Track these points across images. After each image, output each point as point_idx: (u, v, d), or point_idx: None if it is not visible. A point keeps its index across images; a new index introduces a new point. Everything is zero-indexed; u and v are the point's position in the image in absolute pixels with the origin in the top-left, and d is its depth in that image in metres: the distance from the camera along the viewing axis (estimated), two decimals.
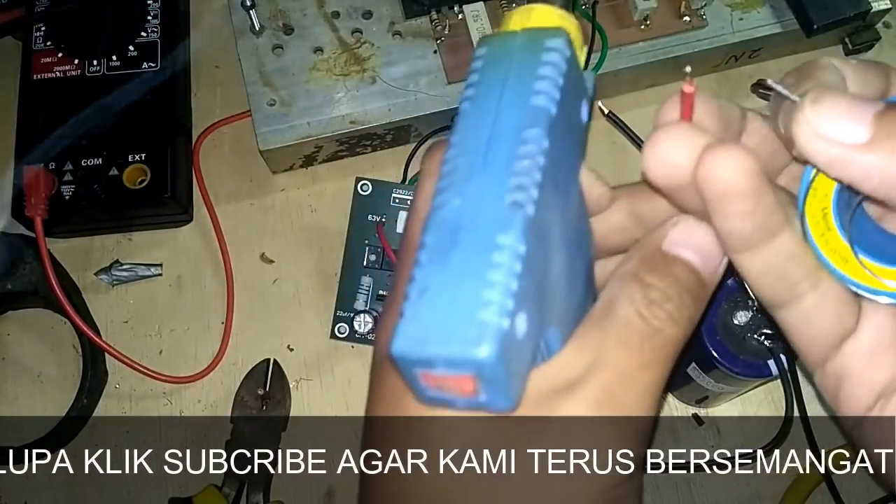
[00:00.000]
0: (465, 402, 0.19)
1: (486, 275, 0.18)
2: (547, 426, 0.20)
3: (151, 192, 0.44)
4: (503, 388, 0.19)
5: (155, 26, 0.47)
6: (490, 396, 0.19)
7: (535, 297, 0.20)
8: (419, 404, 0.20)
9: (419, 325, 0.18)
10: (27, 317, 0.46)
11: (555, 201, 0.21)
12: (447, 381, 0.18)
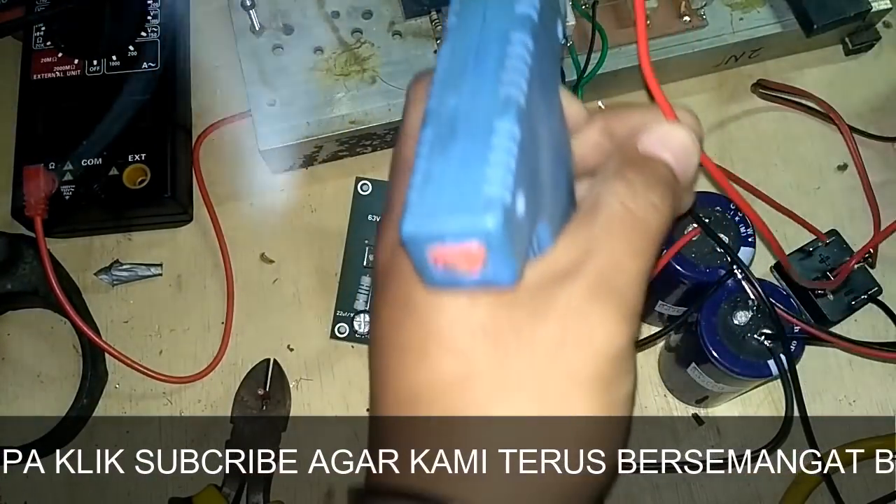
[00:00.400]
0: (471, 280, 0.20)
1: (486, 156, 0.20)
2: (548, 311, 0.21)
3: (151, 192, 0.44)
4: (507, 260, 0.20)
5: (155, 26, 0.47)
6: (495, 268, 0.20)
7: (530, 184, 0.21)
8: (426, 297, 0.21)
9: (427, 205, 0.20)
10: (27, 317, 0.46)
11: (540, 106, 0.22)
12: (456, 255, 0.19)
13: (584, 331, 0.21)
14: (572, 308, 0.21)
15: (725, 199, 0.38)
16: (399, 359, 0.22)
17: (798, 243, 0.43)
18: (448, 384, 0.21)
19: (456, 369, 0.21)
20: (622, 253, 0.22)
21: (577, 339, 0.21)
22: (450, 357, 0.21)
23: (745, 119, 0.48)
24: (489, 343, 0.21)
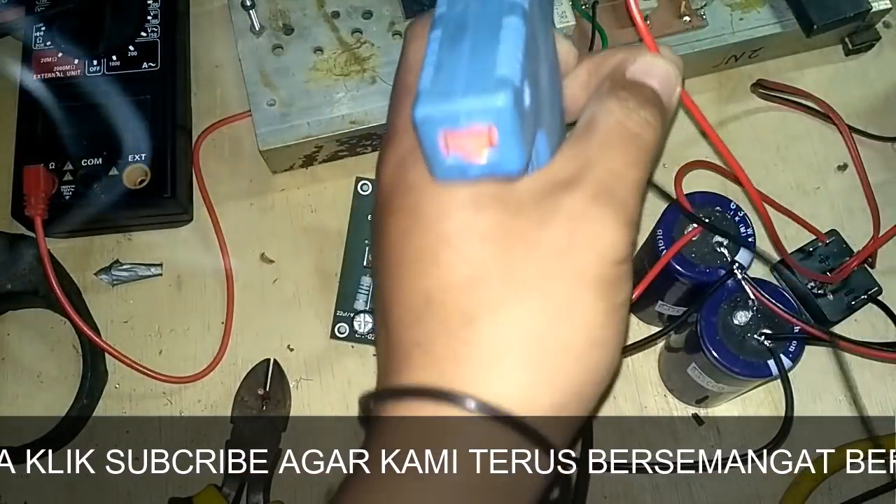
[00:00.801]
0: (479, 167, 0.21)
1: (496, 46, 0.21)
2: (554, 216, 0.22)
3: (151, 192, 0.44)
4: (516, 144, 0.21)
5: (155, 26, 0.47)
6: (503, 153, 0.21)
7: (533, 86, 0.22)
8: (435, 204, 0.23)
9: (439, 89, 0.21)
10: (27, 317, 0.46)
11: (539, 29, 0.24)
12: (466, 139, 0.20)
13: (591, 234, 0.22)
14: (577, 213, 0.23)
15: (725, 199, 0.38)
16: (409, 266, 0.23)
17: (798, 243, 0.43)
18: (459, 286, 0.22)
19: (466, 272, 0.22)
20: (621, 164, 0.24)
21: (584, 242, 0.22)
22: (460, 261, 0.22)
23: (745, 119, 0.48)
24: (497, 247, 0.22)
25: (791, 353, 0.35)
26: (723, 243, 0.37)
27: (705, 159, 0.41)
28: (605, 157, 0.24)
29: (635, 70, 0.26)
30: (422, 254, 0.23)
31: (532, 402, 0.22)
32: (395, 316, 0.24)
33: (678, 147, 0.47)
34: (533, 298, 0.22)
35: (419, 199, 0.23)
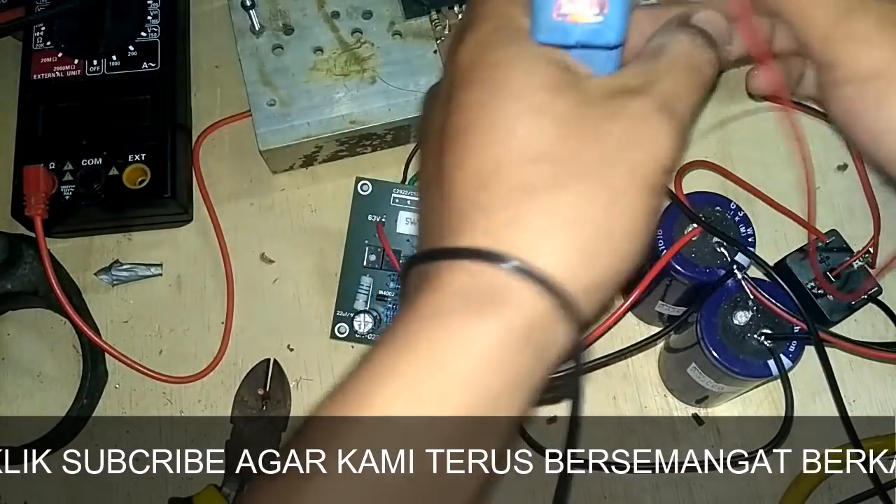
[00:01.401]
0: (582, 32, 0.23)
1: None
2: (621, 114, 0.24)
3: (151, 191, 0.44)
4: (621, 17, 0.23)
5: (155, 26, 0.47)
6: (610, 21, 0.23)
7: None
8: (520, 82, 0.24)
9: None
10: (27, 317, 0.46)
11: None
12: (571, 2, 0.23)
13: (650, 137, 0.24)
14: (642, 116, 0.25)
15: (725, 199, 0.38)
16: (482, 135, 0.24)
17: (798, 243, 0.43)
18: (528, 159, 0.24)
19: (537, 146, 0.24)
20: (684, 86, 0.26)
21: (644, 142, 0.24)
22: (533, 135, 0.24)
23: (745, 119, 0.48)
24: (568, 130, 0.24)
25: (791, 353, 0.35)
26: (723, 243, 0.37)
27: (705, 159, 0.41)
28: (672, 76, 0.26)
29: (700, 18, 0.28)
30: (496, 124, 0.24)
31: (573, 277, 0.23)
32: (458, 181, 0.25)
33: None
34: (590, 183, 0.24)
35: (502, 75, 0.25)
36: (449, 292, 0.24)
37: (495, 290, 0.23)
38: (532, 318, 0.23)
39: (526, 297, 0.23)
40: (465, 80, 0.25)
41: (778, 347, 0.35)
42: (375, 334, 0.44)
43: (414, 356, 0.24)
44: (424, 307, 0.24)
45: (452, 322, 0.23)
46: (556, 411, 0.43)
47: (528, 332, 0.23)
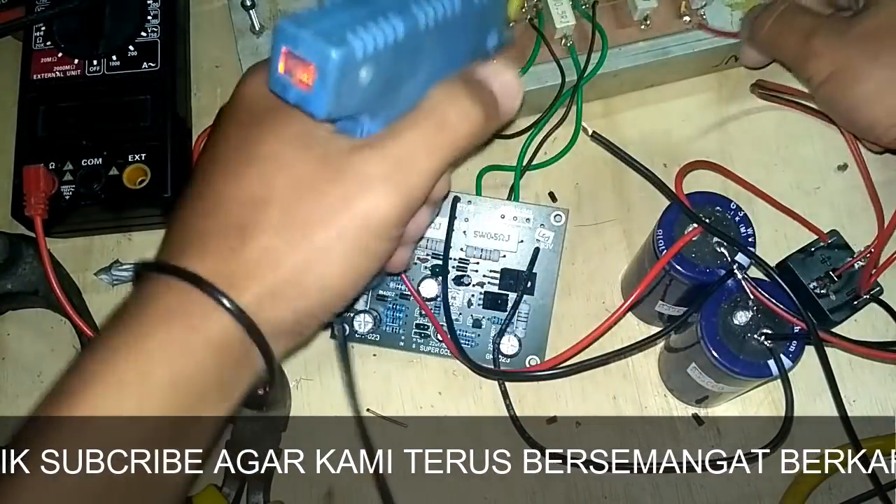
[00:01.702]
0: (296, 94, 0.25)
1: (368, 24, 0.25)
2: (345, 177, 0.27)
3: (151, 191, 0.44)
4: (327, 94, 0.25)
5: (155, 26, 0.47)
6: (315, 95, 0.25)
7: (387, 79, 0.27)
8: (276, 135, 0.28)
9: (306, 21, 0.25)
10: (27, 317, 0.46)
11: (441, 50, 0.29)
12: (297, 65, 0.25)
13: (368, 201, 0.27)
14: (364, 179, 0.27)
15: (725, 199, 0.38)
16: (220, 167, 0.28)
17: (799, 243, 0.43)
18: (247, 201, 0.27)
19: (257, 192, 0.27)
20: (422, 147, 0.28)
21: (359, 205, 0.27)
22: (259, 181, 0.27)
23: (745, 119, 0.48)
24: (293, 183, 0.27)
25: (791, 353, 0.35)
26: (723, 243, 0.37)
27: (705, 159, 0.41)
28: (411, 136, 0.28)
29: (482, 71, 0.30)
30: (231, 163, 0.28)
31: (261, 312, 0.27)
32: (190, 203, 0.29)
33: (678, 147, 0.47)
34: (295, 235, 0.27)
35: (266, 120, 0.28)
36: (164, 305, 0.27)
37: (199, 310, 0.26)
38: (227, 339, 0.27)
39: (224, 322, 0.26)
40: (237, 111, 0.29)
41: (778, 347, 0.35)
42: (375, 334, 0.44)
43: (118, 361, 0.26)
44: (130, 319, 0.27)
45: (157, 331, 0.26)
46: (555, 411, 0.43)
47: (225, 349, 0.27)
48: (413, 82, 0.28)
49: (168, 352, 0.26)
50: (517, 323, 0.43)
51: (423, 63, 0.28)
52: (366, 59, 0.25)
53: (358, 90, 0.26)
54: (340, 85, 0.25)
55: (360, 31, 0.25)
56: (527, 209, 0.44)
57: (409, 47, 0.27)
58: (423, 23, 0.27)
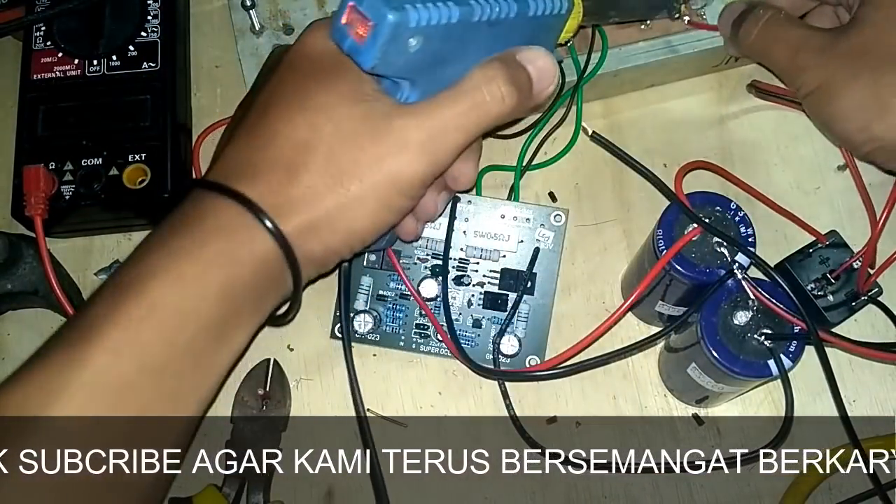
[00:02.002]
0: (351, 43, 0.29)
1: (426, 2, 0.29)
2: (385, 137, 0.31)
3: (151, 192, 0.44)
4: (375, 50, 0.29)
5: (155, 26, 0.47)
6: (366, 47, 0.29)
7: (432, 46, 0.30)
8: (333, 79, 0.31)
9: None
10: (27, 317, 0.46)
11: (492, 40, 0.32)
12: (358, 19, 0.29)
13: (399, 163, 0.31)
14: (400, 144, 0.31)
15: (725, 199, 0.38)
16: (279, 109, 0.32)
17: (799, 243, 0.43)
18: (296, 143, 0.31)
19: (306, 136, 0.31)
20: (453, 123, 0.31)
21: (392, 166, 0.31)
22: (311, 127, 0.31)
23: (745, 119, 0.48)
24: (338, 133, 0.31)
25: (791, 353, 0.35)
26: (723, 243, 0.37)
27: (705, 159, 0.41)
28: (448, 112, 0.31)
29: (521, 55, 0.33)
30: (287, 106, 0.32)
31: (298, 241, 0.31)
32: (244, 133, 0.32)
33: (678, 147, 0.47)
34: (334, 180, 0.31)
35: (322, 71, 0.32)
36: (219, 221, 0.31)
37: (248, 231, 0.30)
38: (268, 259, 0.31)
39: (267, 244, 0.31)
40: (300, 62, 0.32)
41: (778, 347, 0.35)
42: (375, 334, 0.44)
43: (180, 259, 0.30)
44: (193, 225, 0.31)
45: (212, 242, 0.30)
46: (555, 411, 0.43)
47: (265, 267, 0.31)
48: (457, 65, 0.32)
49: (220, 261, 0.30)
50: (517, 323, 0.43)
51: (470, 51, 0.32)
52: (416, 30, 0.29)
53: (404, 54, 0.29)
54: (389, 45, 0.28)
55: (418, 5, 0.29)
56: (527, 209, 0.44)
57: (459, 33, 0.30)
58: (477, 16, 0.30)
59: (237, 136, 0.33)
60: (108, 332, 0.28)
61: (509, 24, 0.32)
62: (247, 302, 0.31)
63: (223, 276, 0.30)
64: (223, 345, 0.31)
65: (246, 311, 0.32)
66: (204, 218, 0.31)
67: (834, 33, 0.40)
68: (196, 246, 0.30)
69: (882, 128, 0.37)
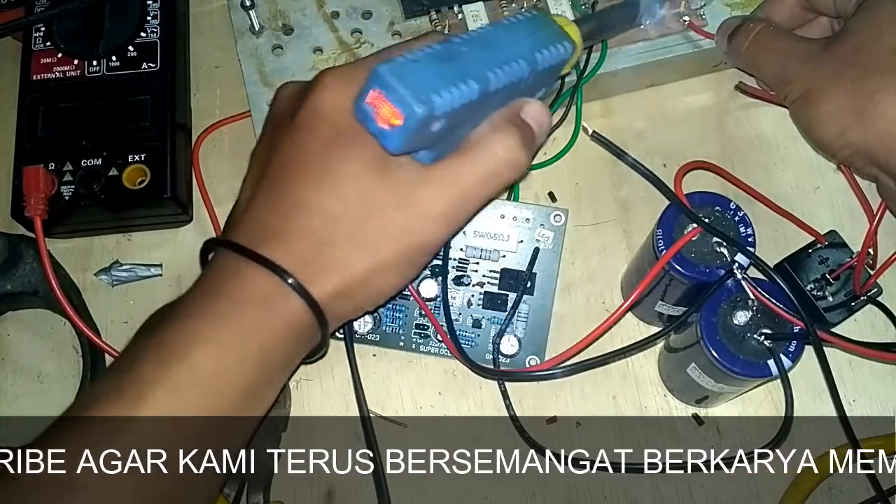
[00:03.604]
0: (376, 127, 0.30)
1: (451, 87, 0.30)
2: (409, 206, 0.33)
3: (151, 192, 0.44)
4: (403, 138, 0.30)
5: (154, 27, 0.47)
6: (393, 133, 0.30)
7: (451, 125, 0.31)
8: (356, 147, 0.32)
9: (401, 71, 0.29)
10: (27, 317, 0.46)
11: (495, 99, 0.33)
12: (384, 107, 0.29)
13: (425, 232, 0.33)
14: (424, 214, 0.33)
15: (725, 199, 0.38)
16: (306, 177, 0.33)
17: (799, 243, 0.43)
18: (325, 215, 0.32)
19: (335, 208, 0.32)
20: (474, 189, 0.33)
21: (417, 234, 0.33)
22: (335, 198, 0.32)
23: (745, 119, 0.48)
24: (364, 203, 0.32)
25: (791, 353, 0.35)
26: (723, 243, 0.37)
27: (705, 159, 0.41)
28: (465, 179, 0.33)
29: (526, 112, 0.35)
30: (319, 174, 0.32)
31: (329, 305, 0.33)
32: (268, 198, 0.33)
33: (678, 147, 0.47)
34: (364, 250, 0.32)
35: (346, 139, 0.32)
36: (255, 288, 0.32)
37: (283, 298, 0.32)
38: (301, 323, 0.32)
39: (301, 310, 0.32)
40: (317, 123, 0.33)
41: (778, 347, 0.35)
42: (375, 334, 0.44)
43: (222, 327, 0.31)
44: (230, 292, 0.32)
45: (251, 310, 0.32)
46: (555, 411, 0.43)
47: (298, 330, 0.33)
48: (470, 126, 0.34)
49: (258, 328, 0.32)
50: (517, 323, 0.43)
51: (482, 112, 0.34)
52: (441, 116, 0.30)
53: (427, 135, 0.31)
54: (415, 132, 0.30)
55: (443, 93, 0.30)
56: (526, 209, 0.44)
57: (476, 104, 0.32)
58: (493, 86, 0.32)
59: (259, 197, 0.34)
60: (154, 397, 0.30)
61: (520, 83, 0.34)
62: (281, 362, 0.33)
63: (261, 343, 0.32)
64: (258, 403, 0.34)
65: (279, 370, 0.34)
66: (240, 286, 0.32)
67: (822, 43, 0.40)
68: (236, 314, 0.32)
69: (858, 133, 0.38)
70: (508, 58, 0.33)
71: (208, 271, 0.34)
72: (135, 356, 0.32)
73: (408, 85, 0.29)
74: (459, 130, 0.34)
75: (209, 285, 0.33)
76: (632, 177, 0.46)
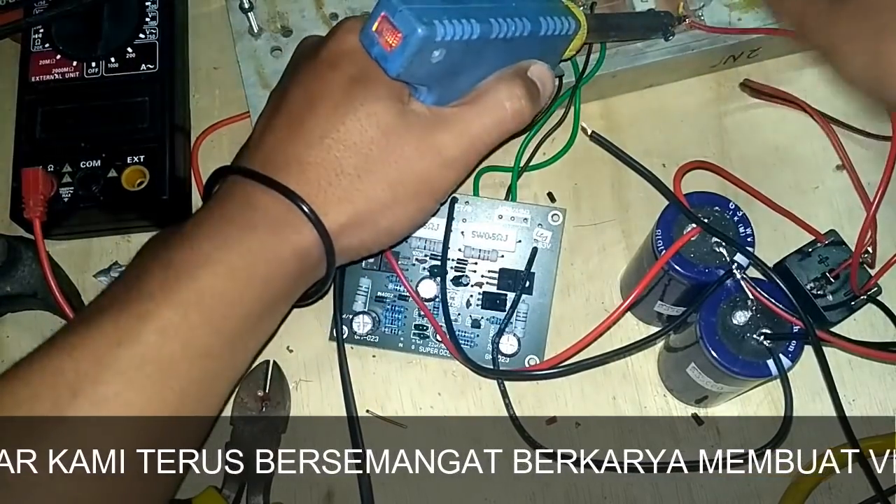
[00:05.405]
0: (379, 50, 0.31)
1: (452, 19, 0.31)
2: (422, 144, 0.34)
3: (150, 193, 0.44)
4: (403, 60, 0.31)
5: (153, 28, 0.47)
6: (393, 56, 0.31)
7: (452, 58, 0.33)
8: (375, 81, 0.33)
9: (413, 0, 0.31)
10: (26, 319, 0.46)
11: (506, 53, 0.36)
12: (389, 29, 0.31)
13: (436, 170, 0.35)
14: (436, 151, 0.34)
15: (725, 199, 0.38)
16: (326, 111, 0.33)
17: (798, 243, 0.43)
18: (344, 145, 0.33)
19: (353, 139, 0.33)
20: (484, 135, 0.35)
21: (429, 172, 0.35)
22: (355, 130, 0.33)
23: (744, 119, 0.48)
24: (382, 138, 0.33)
25: (791, 353, 0.35)
26: (722, 243, 0.37)
27: (704, 159, 0.41)
28: (475, 125, 0.35)
29: (533, 71, 0.37)
30: (338, 108, 0.33)
31: (338, 234, 0.33)
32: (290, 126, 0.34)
33: (677, 147, 0.47)
34: (379, 183, 0.34)
35: (364, 74, 0.33)
36: (268, 213, 0.33)
37: (294, 224, 0.33)
38: (309, 251, 0.33)
39: (311, 238, 0.33)
40: (340, 60, 0.34)
41: (777, 347, 0.35)
42: (374, 335, 0.44)
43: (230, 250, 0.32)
44: (242, 218, 0.33)
45: (261, 236, 0.32)
46: (555, 411, 0.43)
47: (305, 258, 0.33)
48: (470, 74, 0.35)
49: (266, 253, 0.32)
50: (516, 323, 0.43)
51: (484, 62, 0.35)
52: (441, 44, 0.31)
53: (427, 65, 0.32)
54: (416, 56, 0.31)
55: (445, 21, 0.31)
56: (524, 209, 0.44)
57: (477, 47, 0.33)
58: (495, 33, 0.33)
59: (278, 127, 0.34)
60: (160, 313, 0.30)
61: (522, 41, 0.35)
62: (285, 291, 0.34)
63: (268, 268, 0.32)
64: (259, 330, 0.34)
65: (282, 299, 0.34)
66: (253, 208, 0.33)
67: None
68: (245, 238, 0.32)
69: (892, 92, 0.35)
70: (513, 13, 0.34)
71: (218, 198, 0.34)
72: (139, 273, 0.32)
73: (412, 9, 0.30)
74: (461, 79, 0.35)
75: (219, 211, 0.33)
76: (631, 177, 0.46)
